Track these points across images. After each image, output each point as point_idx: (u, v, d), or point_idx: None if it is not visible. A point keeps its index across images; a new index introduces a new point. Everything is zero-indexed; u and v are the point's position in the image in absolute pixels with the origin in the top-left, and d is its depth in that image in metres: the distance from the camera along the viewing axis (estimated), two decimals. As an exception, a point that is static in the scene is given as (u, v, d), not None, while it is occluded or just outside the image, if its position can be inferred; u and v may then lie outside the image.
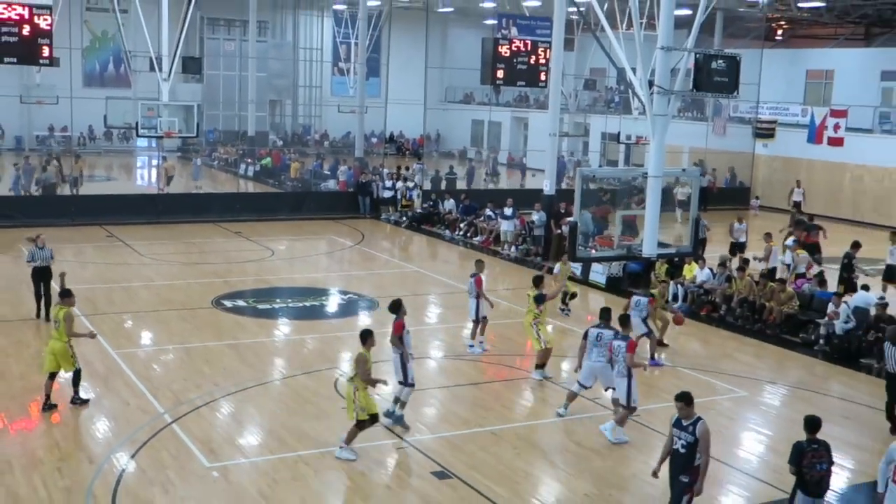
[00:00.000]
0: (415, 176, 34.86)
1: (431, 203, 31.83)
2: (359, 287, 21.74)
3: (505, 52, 27.05)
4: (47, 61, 23.25)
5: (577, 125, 42.37)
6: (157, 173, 36.57)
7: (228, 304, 19.54)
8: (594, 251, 15.87)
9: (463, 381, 15.18)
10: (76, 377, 13.30)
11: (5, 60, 23.00)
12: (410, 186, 32.53)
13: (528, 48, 27.49)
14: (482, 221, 28.67)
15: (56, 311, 13.34)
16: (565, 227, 21.93)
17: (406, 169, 35.87)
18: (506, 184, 43.63)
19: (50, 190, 31.04)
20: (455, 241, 28.70)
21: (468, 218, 29.42)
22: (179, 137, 33.51)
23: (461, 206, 30.35)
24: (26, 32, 22.40)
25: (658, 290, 17.73)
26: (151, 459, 11.50)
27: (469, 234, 28.86)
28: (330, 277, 23.27)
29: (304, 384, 14.60)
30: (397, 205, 32.10)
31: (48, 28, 22.75)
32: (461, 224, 29.42)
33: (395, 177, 33.57)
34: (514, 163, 48.74)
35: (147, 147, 44.21)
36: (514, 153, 50.24)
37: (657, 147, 14.46)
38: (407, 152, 50.65)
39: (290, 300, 20.36)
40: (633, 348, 12.67)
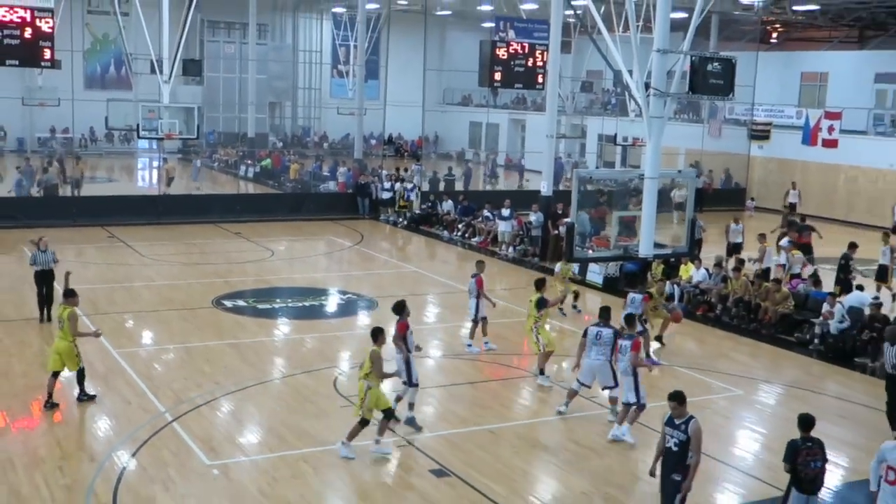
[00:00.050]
0: (413, 177, 34.95)
1: (430, 204, 31.88)
2: (358, 287, 21.83)
3: (502, 55, 27.14)
4: (49, 63, 23.21)
5: (574, 127, 42.50)
6: (158, 175, 36.64)
7: (229, 303, 19.62)
8: (591, 251, 15.96)
9: (461, 381, 15.23)
10: (80, 375, 13.36)
11: (7, 63, 22.93)
12: (409, 188, 32.60)
13: (526, 51, 27.59)
14: (480, 222, 28.73)
15: (60, 311, 13.40)
16: (562, 227, 22.02)
17: (405, 170, 35.98)
18: (504, 185, 43.70)
19: (51, 191, 31.04)
20: (453, 242, 28.78)
21: (466, 219, 29.48)
22: (180, 139, 33.65)
23: (459, 207, 30.39)
24: (28, 35, 22.38)
25: (656, 288, 17.87)
26: (152, 458, 11.54)
27: (467, 234, 28.92)
28: (329, 277, 23.35)
29: (303, 383, 14.65)
30: (395, 206, 32.25)
31: (50, 31, 22.72)
32: (459, 225, 29.48)
33: (394, 178, 33.66)
34: (511, 164, 48.78)
35: (148, 149, 44.16)
36: (512, 155, 50.28)
37: (653, 149, 14.57)
38: (405, 154, 50.62)
39: (289, 300, 20.42)
40: (639, 347, 12.72)
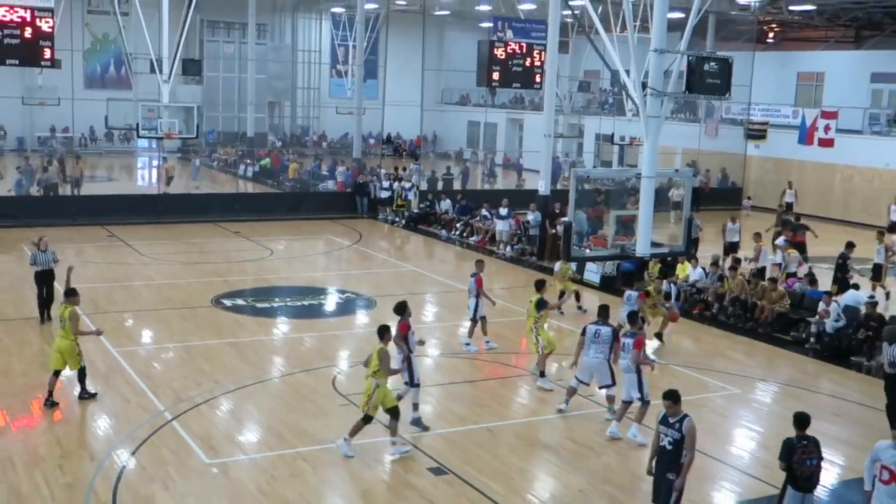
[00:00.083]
0: (411, 176, 35.02)
1: (428, 203, 31.97)
2: (356, 286, 21.89)
3: (500, 55, 27.23)
4: (49, 63, 23.26)
5: (571, 126, 42.58)
6: (158, 174, 36.70)
7: (228, 302, 19.68)
8: (588, 251, 15.98)
9: (459, 379, 15.26)
10: (81, 374, 13.41)
11: (7, 62, 22.99)
12: (407, 187, 32.68)
13: (524, 51, 27.68)
14: (478, 221, 28.80)
15: (61, 310, 13.41)
16: (560, 226, 22.12)
17: (403, 170, 36.05)
18: (502, 184, 43.76)
19: (51, 190, 31.10)
20: (451, 241, 28.85)
21: (464, 218, 29.54)
22: (179, 138, 33.77)
23: (457, 206, 30.46)
24: (28, 35, 22.43)
25: (653, 286, 17.95)
26: (152, 456, 11.57)
27: (465, 233, 29.00)
28: (328, 277, 23.42)
29: (302, 382, 14.69)
30: (393, 205, 32.31)
31: (50, 30, 22.77)
32: (457, 224, 29.55)
33: (393, 177, 33.73)
34: (509, 164, 48.85)
35: (147, 148, 44.24)
36: (510, 154, 50.36)
37: (650, 148, 14.60)
38: (404, 153, 50.73)
39: (288, 299, 20.49)
40: (641, 345, 12.73)
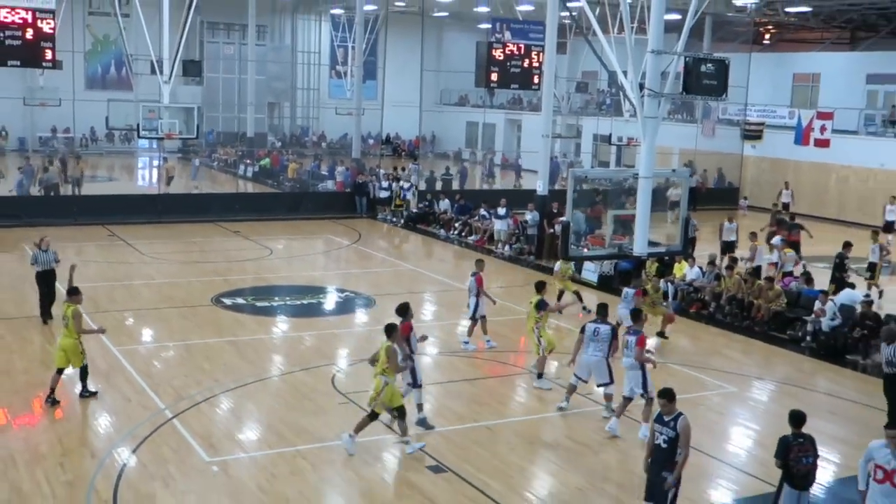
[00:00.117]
0: (410, 176, 35.11)
1: (427, 203, 32.06)
2: (356, 285, 21.98)
3: (499, 56, 27.34)
4: (50, 64, 23.38)
5: (569, 127, 42.72)
6: (158, 174, 36.78)
7: (228, 301, 19.76)
8: (586, 250, 16.06)
9: (457, 378, 15.31)
10: (84, 372, 13.47)
11: (9, 63, 23.09)
12: (405, 187, 32.78)
13: (522, 52, 27.79)
14: (476, 221, 28.88)
15: (64, 309, 13.44)
16: (558, 226, 22.21)
17: (402, 170, 36.14)
18: (500, 184, 43.83)
19: (52, 190, 31.16)
20: (450, 241, 28.93)
21: (463, 218, 29.61)
22: (180, 139, 33.82)
23: (456, 206, 30.53)
24: (30, 36, 22.54)
25: (651, 284, 18.05)
26: (152, 454, 11.62)
27: (464, 233, 29.07)
28: (327, 276, 23.49)
29: (302, 380, 14.75)
30: (392, 205, 32.38)
31: (51, 32, 22.87)
32: (456, 224, 29.62)
33: (392, 178, 33.83)
34: (508, 164, 48.95)
35: (148, 148, 44.37)
36: (508, 154, 50.44)
37: (648, 148, 14.69)
38: (403, 153, 50.85)
39: (288, 298, 20.56)
40: (644, 342, 12.79)
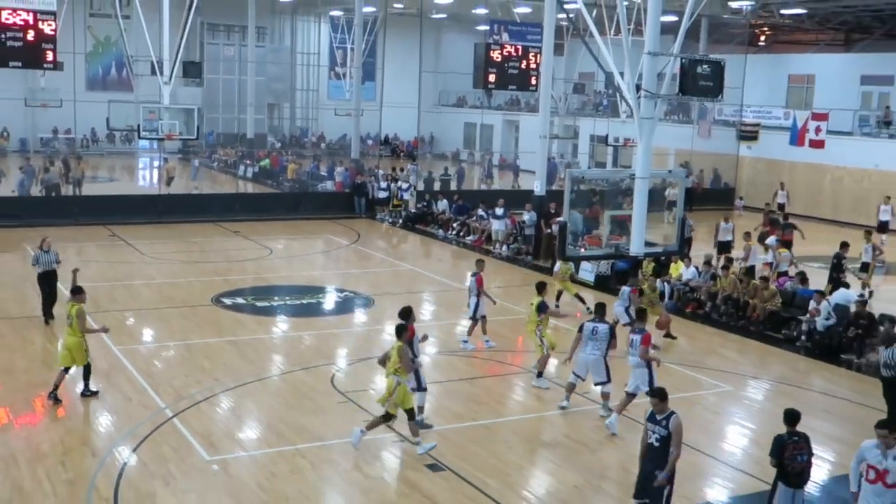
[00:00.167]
0: (408, 177, 35.21)
1: (425, 203, 32.14)
2: (355, 285, 22.08)
3: (497, 57, 27.43)
4: (51, 65, 23.38)
5: (566, 128, 42.77)
6: (158, 174, 36.84)
7: (228, 301, 19.83)
8: (583, 250, 16.12)
9: (456, 377, 15.38)
10: (87, 371, 13.56)
11: (10, 64, 23.05)
12: (404, 187, 32.88)
13: (520, 53, 27.88)
14: (474, 221, 28.99)
15: (69, 308, 13.51)
16: (555, 226, 22.32)
17: (401, 170, 36.22)
18: (498, 185, 43.91)
19: (53, 190, 31.23)
20: (448, 241, 29.04)
21: (461, 218, 29.71)
22: (180, 140, 33.79)
23: (454, 206, 30.63)
24: (31, 37, 22.54)
25: (647, 283, 18.15)
26: (153, 453, 11.68)
27: (462, 233, 29.17)
28: (327, 276, 23.58)
29: (301, 380, 14.81)
30: (390, 205, 32.49)
31: (52, 33, 22.88)
32: (454, 224, 29.71)
33: (390, 178, 33.92)
34: (505, 164, 49.02)
35: (148, 149, 44.43)
36: (506, 155, 50.49)
37: (644, 149, 14.71)
38: (401, 154, 50.94)
39: (287, 298, 20.64)
40: (649, 341, 12.87)
